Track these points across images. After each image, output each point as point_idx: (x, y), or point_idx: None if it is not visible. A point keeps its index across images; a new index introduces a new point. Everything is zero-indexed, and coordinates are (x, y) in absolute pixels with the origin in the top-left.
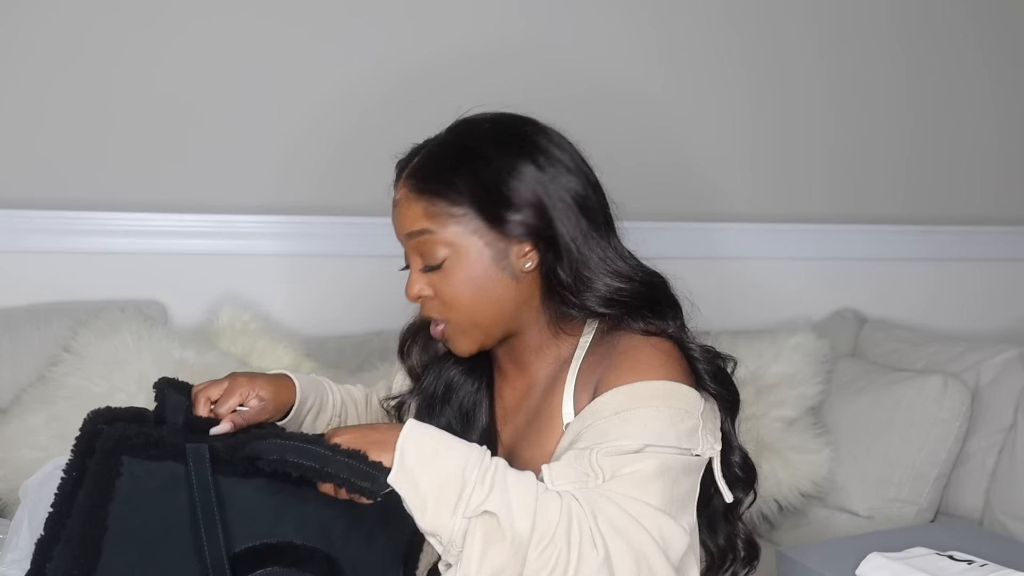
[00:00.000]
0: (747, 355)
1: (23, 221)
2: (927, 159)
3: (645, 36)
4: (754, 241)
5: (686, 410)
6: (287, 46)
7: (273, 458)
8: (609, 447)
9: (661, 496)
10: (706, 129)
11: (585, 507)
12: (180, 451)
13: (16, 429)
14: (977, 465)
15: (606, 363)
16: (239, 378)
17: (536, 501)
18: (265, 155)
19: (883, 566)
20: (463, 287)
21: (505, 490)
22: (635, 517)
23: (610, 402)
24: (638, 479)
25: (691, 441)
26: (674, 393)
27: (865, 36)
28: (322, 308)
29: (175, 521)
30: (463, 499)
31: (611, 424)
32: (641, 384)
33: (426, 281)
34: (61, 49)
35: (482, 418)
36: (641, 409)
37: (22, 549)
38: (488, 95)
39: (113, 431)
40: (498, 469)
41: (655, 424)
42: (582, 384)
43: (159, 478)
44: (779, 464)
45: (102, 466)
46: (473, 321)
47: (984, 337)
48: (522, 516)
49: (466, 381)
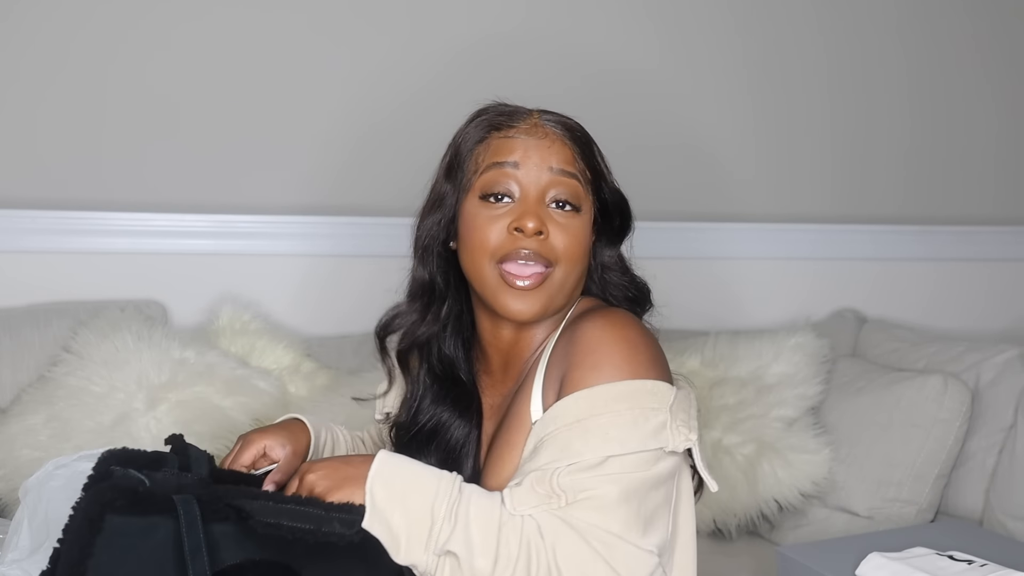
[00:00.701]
0: (747, 355)
1: (23, 221)
2: (927, 159)
3: (646, 36)
4: (754, 241)
5: (652, 407)
6: (290, 46)
7: (269, 521)
8: (570, 464)
9: (623, 521)
10: (706, 130)
11: (546, 538)
12: (164, 505)
13: (16, 429)
14: (977, 465)
15: (568, 359)
16: (251, 435)
17: (498, 536)
18: (265, 155)
19: (883, 566)
20: (580, 243)
21: (467, 526)
22: (595, 548)
23: (571, 408)
24: (600, 504)
25: (659, 439)
26: (637, 392)
27: (866, 37)
28: (322, 308)
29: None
30: (432, 536)
31: (573, 434)
32: (602, 388)
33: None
34: (59, 49)
35: (468, 463)
36: (602, 416)
37: (22, 549)
38: (496, 92)
39: (100, 495)
40: (461, 502)
41: (616, 432)
42: (549, 379)
43: (138, 526)
44: (779, 464)
45: (84, 526)
46: (569, 279)
47: (984, 337)
48: (483, 553)
49: (457, 422)
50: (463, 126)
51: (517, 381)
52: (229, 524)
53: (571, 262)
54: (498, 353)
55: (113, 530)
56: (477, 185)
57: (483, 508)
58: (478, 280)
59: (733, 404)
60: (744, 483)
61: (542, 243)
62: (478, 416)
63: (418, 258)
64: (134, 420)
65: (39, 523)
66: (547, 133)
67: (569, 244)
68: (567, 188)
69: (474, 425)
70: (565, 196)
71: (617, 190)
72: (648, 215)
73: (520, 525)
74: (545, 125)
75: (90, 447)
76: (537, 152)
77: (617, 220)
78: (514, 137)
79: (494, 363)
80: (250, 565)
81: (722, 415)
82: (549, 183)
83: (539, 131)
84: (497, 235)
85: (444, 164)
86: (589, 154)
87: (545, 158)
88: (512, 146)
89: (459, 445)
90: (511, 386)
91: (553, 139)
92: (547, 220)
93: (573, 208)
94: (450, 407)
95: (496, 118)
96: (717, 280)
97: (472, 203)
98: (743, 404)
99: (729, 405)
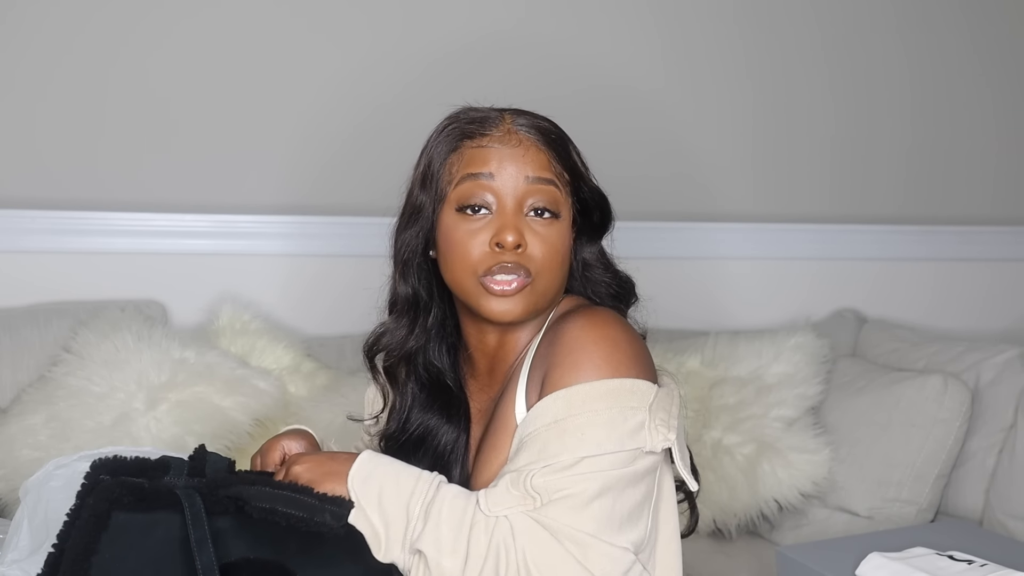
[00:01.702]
0: (747, 355)
1: (23, 221)
2: (927, 159)
3: (646, 35)
4: (754, 241)
5: (630, 407)
6: (289, 46)
7: (264, 506)
8: (545, 466)
9: (598, 521)
10: (706, 130)
11: (517, 538)
12: (168, 501)
13: (16, 429)
14: (977, 465)
15: (550, 359)
16: (268, 442)
17: (468, 536)
18: (265, 155)
19: (883, 566)
20: (559, 249)
21: (438, 525)
22: (567, 548)
23: (550, 408)
24: (574, 504)
25: (636, 440)
26: (616, 392)
27: (866, 37)
28: (322, 308)
29: (154, 557)
30: (407, 535)
31: (550, 435)
32: (580, 387)
33: (530, 229)
34: (59, 49)
35: (457, 468)
36: (579, 417)
37: (22, 549)
38: (489, 93)
39: (108, 492)
40: (435, 501)
41: (593, 432)
42: (532, 379)
43: (142, 522)
44: (779, 464)
45: (91, 523)
46: (548, 285)
47: (984, 337)
48: (451, 553)
49: (445, 427)
50: (434, 135)
51: (502, 384)
52: (228, 518)
53: (551, 270)
54: (484, 357)
55: (118, 526)
56: (453, 197)
57: (455, 508)
58: (460, 291)
59: (733, 404)
60: (744, 483)
61: (521, 255)
62: (466, 420)
63: (399, 273)
64: (134, 420)
65: (39, 523)
66: (521, 140)
67: (547, 252)
68: (544, 195)
69: (462, 430)
70: (543, 204)
71: (596, 187)
72: (648, 216)
73: (492, 526)
74: (519, 131)
75: (90, 447)
76: (512, 161)
77: (597, 217)
78: (488, 147)
79: (480, 367)
80: (244, 564)
81: (722, 415)
82: (526, 192)
83: (513, 138)
84: (478, 250)
85: (418, 174)
86: (566, 155)
87: (521, 167)
88: (486, 156)
89: (448, 450)
90: (497, 389)
91: (527, 146)
92: (526, 230)
93: (552, 215)
94: (438, 413)
95: (467, 126)
96: (717, 280)
97: (449, 215)
98: (743, 404)
99: (729, 405)
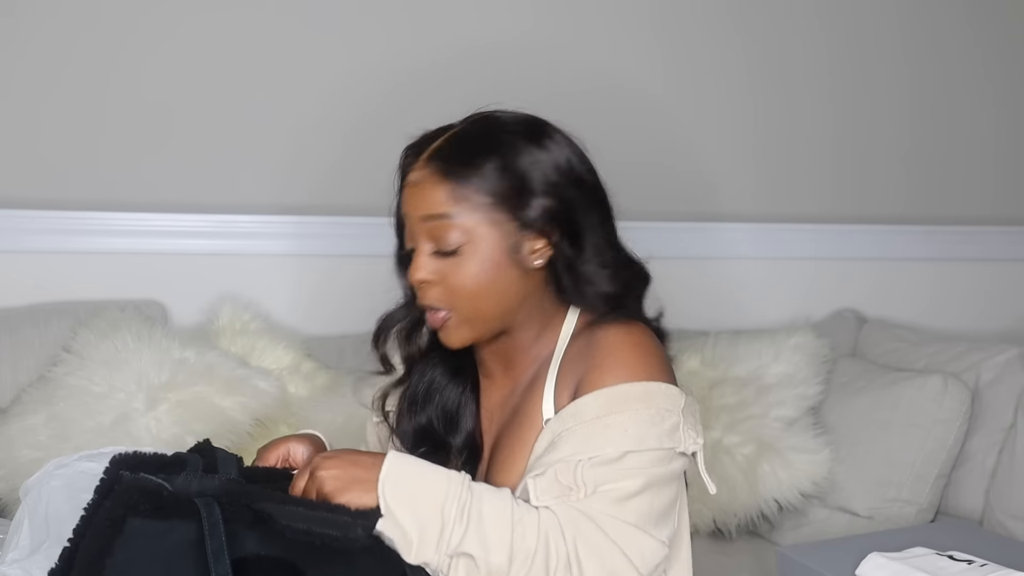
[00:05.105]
0: (747, 355)
1: (23, 221)
2: (927, 159)
3: (646, 35)
4: (754, 241)
5: (667, 408)
6: (290, 46)
7: (300, 527)
8: (593, 458)
9: (638, 514)
10: (707, 130)
11: (566, 530)
12: (186, 509)
13: (16, 429)
14: (977, 465)
15: (587, 362)
16: (272, 441)
17: (512, 531)
18: (265, 155)
19: (883, 566)
20: (474, 276)
21: (480, 525)
22: (612, 538)
23: (591, 405)
24: (617, 496)
25: (673, 439)
26: (654, 394)
27: (866, 37)
28: (322, 308)
29: (166, 560)
30: (443, 538)
31: (593, 429)
32: (621, 387)
33: (434, 267)
34: (59, 50)
35: (467, 422)
36: (621, 414)
37: (22, 549)
38: (489, 95)
39: (126, 496)
40: (472, 502)
41: (635, 429)
42: (562, 380)
43: (158, 528)
44: (779, 464)
45: (106, 526)
46: (477, 311)
47: (984, 337)
48: (498, 550)
49: (450, 383)
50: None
51: (522, 383)
52: (244, 523)
53: (468, 298)
54: (493, 356)
55: (133, 531)
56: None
57: (496, 506)
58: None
59: (733, 404)
60: (744, 483)
61: (429, 292)
62: (473, 380)
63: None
64: (134, 420)
65: (39, 523)
66: (422, 178)
67: (459, 283)
68: (432, 233)
69: (468, 388)
70: (433, 243)
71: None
72: (647, 216)
73: (537, 519)
74: (427, 166)
75: (90, 447)
76: (411, 203)
77: (565, 224)
78: (404, 190)
79: (491, 366)
80: (255, 560)
81: (722, 415)
82: (419, 233)
83: (416, 175)
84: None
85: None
86: (478, 178)
87: (416, 208)
88: (403, 200)
89: (456, 405)
90: (512, 387)
91: (425, 184)
92: (430, 270)
93: (444, 253)
94: (441, 368)
95: (403, 163)
96: (717, 280)
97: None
98: (743, 404)
99: (729, 405)
